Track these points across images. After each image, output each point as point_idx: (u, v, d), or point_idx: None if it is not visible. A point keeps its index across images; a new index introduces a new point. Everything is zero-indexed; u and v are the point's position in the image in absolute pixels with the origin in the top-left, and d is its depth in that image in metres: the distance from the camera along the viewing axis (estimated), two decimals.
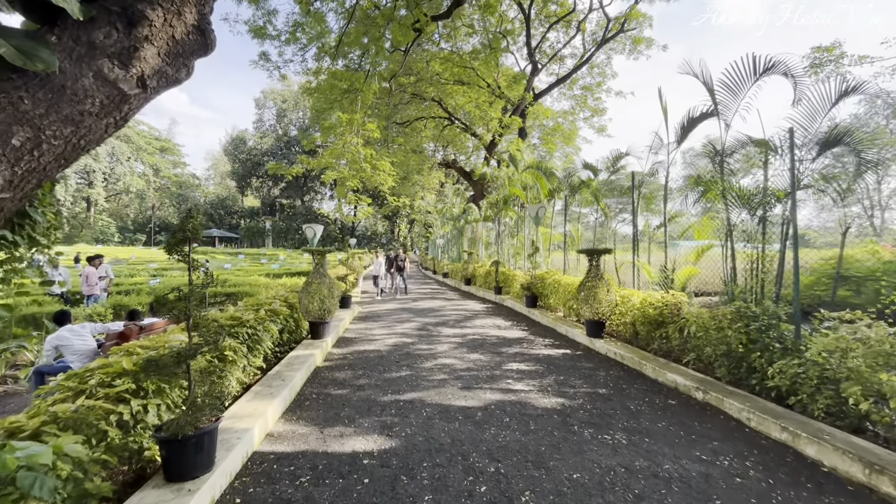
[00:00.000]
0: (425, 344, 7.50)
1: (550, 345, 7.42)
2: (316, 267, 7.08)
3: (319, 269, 7.06)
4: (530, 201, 14.89)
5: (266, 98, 65.88)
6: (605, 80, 24.94)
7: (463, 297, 15.32)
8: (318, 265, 7.08)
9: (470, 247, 20.80)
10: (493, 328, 9.04)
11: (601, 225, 14.28)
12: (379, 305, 12.89)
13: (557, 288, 9.85)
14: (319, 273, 7.03)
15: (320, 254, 7.09)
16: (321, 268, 7.07)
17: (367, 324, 9.68)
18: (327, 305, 6.94)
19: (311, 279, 6.98)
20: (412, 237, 74.39)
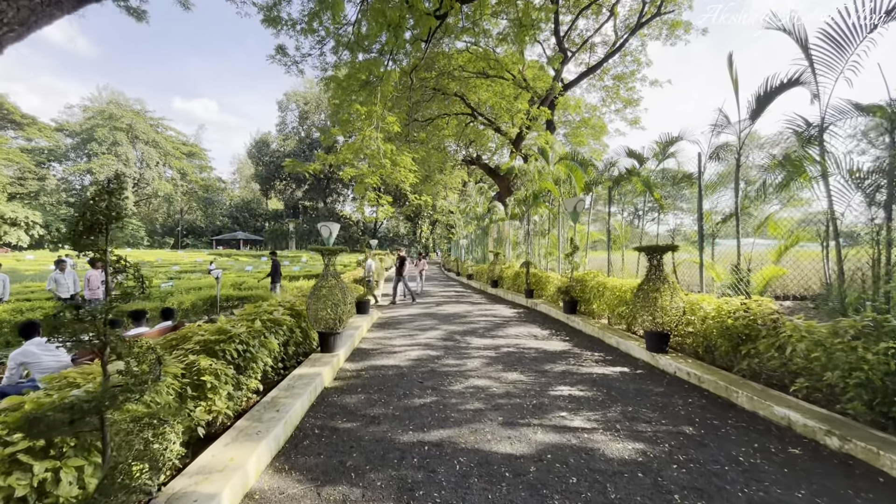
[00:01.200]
0: (452, 358, 6.41)
1: (602, 360, 6.22)
2: (326, 269, 6.08)
3: (329, 272, 6.07)
4: (564, 196, 13.64)
5: (288, 100, 66.22)
6: (640, 67, 23.37)
7: (490, 300, 14.17)
8: (328, 267, 6.09)
9: (496, 247, 19.64)
10: (529, 338, 7.88)
11: (629, 223, 12.85)
12: (400, 310, 11.87)
13: (602, 292, 8.62)
14: (329, 276, 6.03)
15: (330, 254, 6.10)
16: (332, 270, 6.08)
17: (386, 332, 8.66)
18: (339, 314, 5.95)
19: (319, 283, 5.99)
20: (434, 238, 73.61)
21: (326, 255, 6.10)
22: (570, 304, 9.68)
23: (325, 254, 6.08)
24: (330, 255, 6.10)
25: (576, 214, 10.44)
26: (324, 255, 6.08)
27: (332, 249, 6.05)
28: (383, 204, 16.64)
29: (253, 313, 5.25)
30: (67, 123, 64.74)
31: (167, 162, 68.44)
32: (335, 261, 6.21)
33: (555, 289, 11.46)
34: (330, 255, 6.10)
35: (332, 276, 6.06)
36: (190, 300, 10.19)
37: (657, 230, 10.81)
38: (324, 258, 6.09)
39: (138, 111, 67.38)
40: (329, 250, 6.05)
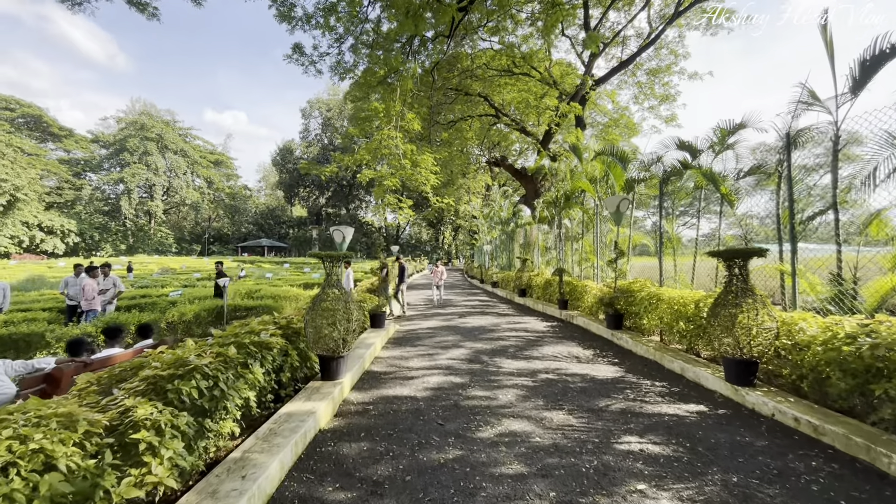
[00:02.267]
0: (480, 388, 5.26)
1: (668, 393, 4.96)
2: (327, 279, 5.05)
3: (331, 282, 5.03)
4: (601, 196, 12.35)
5: (312, 108, 66.68)
6: (677, 60, 21.79)
7: (519, 311, 12.94)
8: (330, 277, 5.06)
9: (523, 253, 18.39)
10: (571, 360, 6.65)
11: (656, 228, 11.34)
12: (419, 323, 10.79)
13: (656, 304, 7.32)
14: (331, 287, 5.00)
15: (332, 261, 5.06)
16: (334, 280, 5.04)
17: (402, 350, 7.57)
18: (342, 333, 4.89)
19: (319, 296, 4.97)
20: (457, 244, 72.56)
21: (328, 262, 5.07)
22: (615, 318, 8.38)
23: (327, 261, 5.05)
24: (332, 262, 5.07)
25: (619, 215, 9.15)
26: (325, 262, 5.04)
27: (332, 255, 5.01)
28: (403, 207, 15.64)
29: (232, 335, 4.24)
30: (102, 135, 66.95)
31: (195, 170, 69.82)
32: (337, 270, 5.17)
33: (594, 300, 10.18)
34: (332, 262, 5.07)
35: (335, 287, 5.02)
36: (193, 311, 9.38)
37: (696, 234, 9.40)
38: (325, 266, 5.06)
39: (168, 121, 69.13)
40: (329, 256, 5.01)
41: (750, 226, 9.47)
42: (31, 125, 61.68)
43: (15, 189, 43.90)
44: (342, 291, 5.05)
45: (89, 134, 67.18)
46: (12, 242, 49.15)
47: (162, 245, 65.28)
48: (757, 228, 9.24)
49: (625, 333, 7.91)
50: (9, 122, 56.92)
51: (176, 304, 11.20)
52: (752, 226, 9.42)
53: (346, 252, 5.25)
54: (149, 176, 62.70)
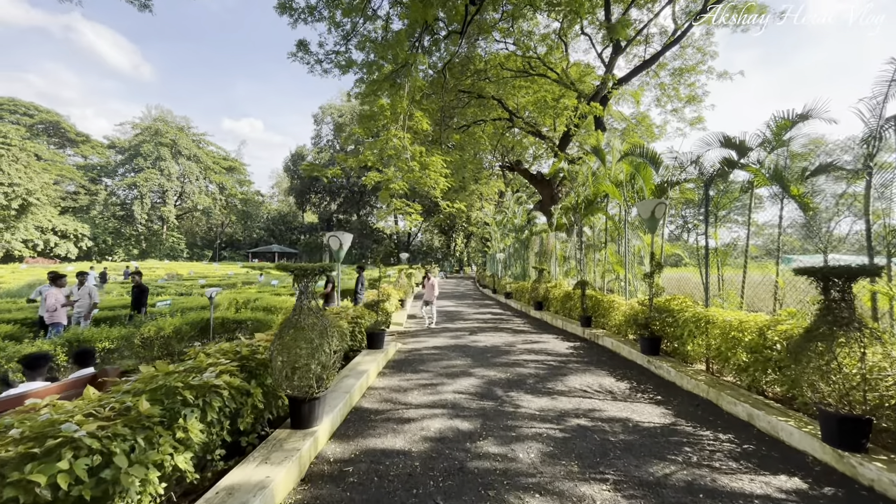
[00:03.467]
0: (494, 440, 4.11)
1: (741, 454, 3.75)
2: (300, 301, 3.97)
3: (304, 305, 3.95)
4: (627, 201, 11.15)
5: (324, 114, 66.48)
6: (705, 58, 20.51)
7: (535, 327, 11.73)
8: (304, 297, 3.98)
9: (539, 262, 17.18)
10: (604, 396, 5.46)
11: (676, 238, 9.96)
12: (424, 340, 9.67)
13: (703, 328, 6.11)
14: (305, 312, 3.92)
15: (304, 276, 3.97)
16: (306, 303, 3.96)
17: (401, 377, 6.46)
18: (316, 371, 3.80)
19: (288, 323, 3.89)
20: (468, 252, 71.37)
21: (301, 278, 3.98)
22: (651, 341, 7.16)
23: (299, 276, 3.96)
24: (305, 278, 3.98)
25: (654, 221, 7.96)
26: (297, 277, 3.96)
27: (304, 268, 3.92)
28: (412, 213, 14.61)
29: (162, 375, 3.18)
30: (118, 140, 67.63)
31: (207, 176, 70.06)
32: (312, 287, 4.07)
33: (622, 318, 8.98)
34: (305, 278, 3.98)
35: (309, 310, 3.94)
36: (173, 325, 8.40)
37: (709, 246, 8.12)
38: (296, 283, 3.98)
39: (182, 127, 69.61)
40: (301, 270, 3.92)
41: (771, 236, 8.22)
42: (49, 131, 62.60)
43: (27, 193, 44.12)
44: (319, 315, 3.96)
45: (105, 139, 67.97)
46: (26, 246, 49.44)
47: (174, 250, 65.37)
48: (788, 241, 8.01)
49: (664, 361, 6.69)
50: (28, 127, 57.78)
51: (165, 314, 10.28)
52: (772, 236, 8.19)
53: (318, 264, 4.16)
54: (162, 181, 62.96)
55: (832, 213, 6.02)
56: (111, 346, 7.44)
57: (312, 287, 4.03)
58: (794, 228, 11.41)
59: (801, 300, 5.93)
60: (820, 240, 5.81)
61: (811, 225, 5.94)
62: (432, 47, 18.52)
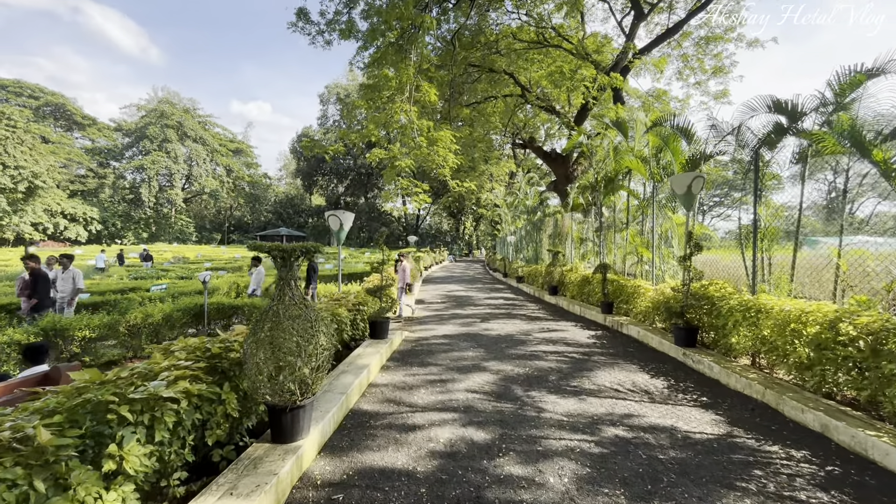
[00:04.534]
0: (515, 457, 3.40)
1: (827, 480, 3.00)
2: (281, 287, 3.24)
3: (289, 292, 3.23)
4: (652, 178, 10.23)
5: (330, 93, 65.15)
6: (734, 25, 19.09)
7: (551, 313, 10.98)
8: (286, 284, 3.25)
9: (553, 244, 16.33)
10: (640, 397, 4.72)
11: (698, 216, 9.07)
12: (433, 328, 8.99)
13: (752, 318, 5.30)
14: (286, 301, 3.19)
15: (286, 258, 3.22)
16: (288, 290, 3.23)
17: (407, 372, 5.77)
18: (300, 373, 3.10)
19: (265, 315, 3.17)
20: (478, 235, 70.48)
21: (282, 260, 3.24)
22: (686, 332, 6.37)
23: (279, 259, 3.22)
24: (287, 259, 3.24)
25: (691, 197, 7.09)
26: (277, 260, 3.22)
27: (284, 250, 3.17)
28: (419, 192, 13.80)
29: (97, 385, 2.48)
30: (125, 122, 67.18)
31: (214, 158, 69.53)
32: (295, 273, 3.33)
33: (649, 304, 8.19)
34: (287, 259, 3.24)
35: (292, 299, 3.21)
36: (162, 311, 7.78)
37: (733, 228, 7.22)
38: (278, 266, 3.24)
39: (187, 109, 68.84)
40: (282, 251, 3.17)
41: (790, 218, 7.32)
42: (56, 114, 62.24)
43: (34, 176, 43.93)
44: (304, 306, 3.23)
45: (112, 122, 67.55)
46: (36, 230, 49.57)
47: (182, 233, 65.39)
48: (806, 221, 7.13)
49: (702, 354, 5.91)
50: (34, 110, 57.45)
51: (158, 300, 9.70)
52: (791, 218, 7.31)
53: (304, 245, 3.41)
54: (168, 163, 62.55)
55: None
56: (92, 334, 6.84)
57: (296, 271, 3.29)
58: (811, 210, 10.33)
59: (872, 288, 5.09)
60: None
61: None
62: (441, 17, 17.41)
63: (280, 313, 3.12)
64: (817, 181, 8.52)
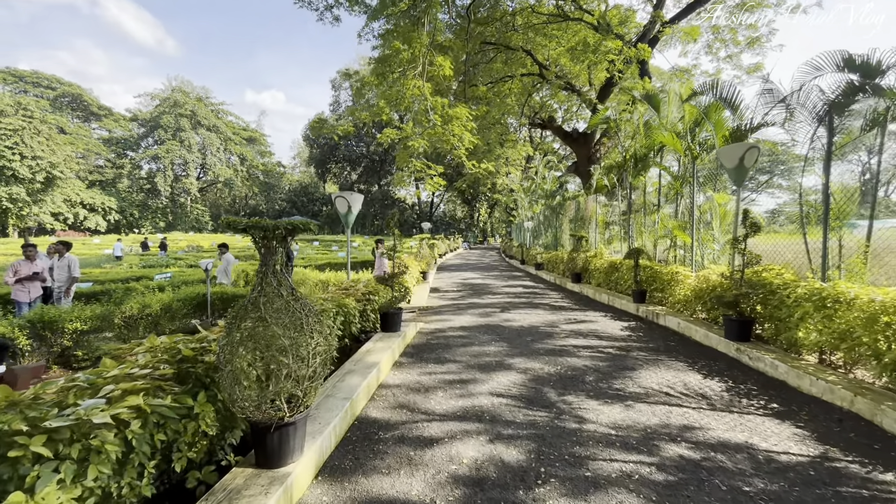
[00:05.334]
0: (559, 490, 2.71)
1: None
2: (263, 276, 2.58)
3: (272, 280, 2.56)
4: (690, 154, 9.31)
5: (342, 79, 64.21)
6: None
7: (576, 302, 10.22)
8: (268, 272, 2.58)
9: (574, 229, 15.48)
10: (696, 402, 3.98)
11: None
12: (449, 318, 8.32)
13: (831, 309, 4.49)
14: (269, 292, 2.53)
15: (267, 238, 2.56)
16: (273, 278, 2.57)
17: (422, 370, 5.12)
18: (287, 383, 2.45)
19: (243, 310, 2.52)
20: (492, 222, 69.50)
21: (266, 239, 2.58)
22: (740, 324, 5.58)
23: (263, 239, 2.56)
24: (268, 239, 2.57)
25: (743, 171, 6.22)
26: (257, 241, 2.56)
27: (265, 227, 2.49)
28: (433, 175, 13.05)
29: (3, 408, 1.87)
30: (140, 112, 67.48)
31: (227, 147, 69.57)
32: (270, 259, 2.66)
33: (689, 293, 7.39)
34: (268, 239, 2.57)
35: (277, 289, 2.55)
36: (161, 302, 7.28)
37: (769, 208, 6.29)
38: (259, 248, 2.58)
39: (200, 97, 68.78)
40: (261, 229, 2.50)
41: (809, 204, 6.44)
42: (73, 105, 62.77)
43: (51, 166, 44.34)
44: (292, 298, 2.57)
45: (128, 112, 67.94)
46: (56, 220, 50.30)
47: (198, 222, 65.88)
48: None
49: (761, 350, 5.12)
50: (51, 101, 57.98)
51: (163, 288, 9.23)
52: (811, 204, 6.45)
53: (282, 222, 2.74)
54: (183, 152, 62.74)
55: None
56: (84, 326, 6.35)
57: (280, 257, 2.62)
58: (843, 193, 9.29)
59: None
60: None
61: None
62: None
63: (262, 308, 2.47)
64: (849, 162, 7.63)
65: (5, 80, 54.32)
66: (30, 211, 44.38)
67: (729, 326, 5.72)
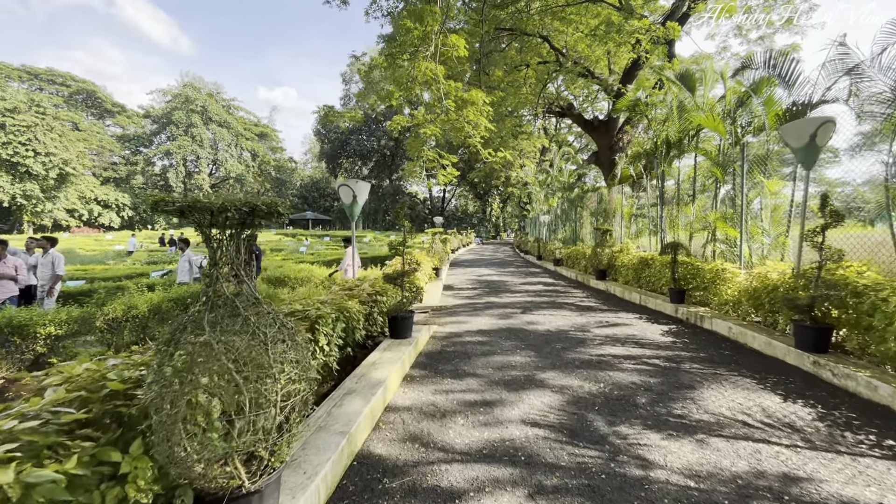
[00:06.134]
0: None
1: None
2: (210, 283, 1.79)
3: (217, 292, 1.77)
4: (736, 135, 8.34)
5: (352, 72, 63.49)
6: None
7: (604, 301, 9.33)
8: (216, 277, 1.78)
9: (599, 222, 14.52)
10: (787, 437, 3.12)
11: None
12: (465, 320, 7.52)
13: None
14: (218, 304, 1.74)
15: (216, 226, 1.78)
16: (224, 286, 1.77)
17: (435, 388, 4.33)
18: (242, 441, 1.66)
19: (178, 331, 1.73)
20: (504, 217, 68.43)
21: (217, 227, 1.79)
22: (816, 332, 4.67)
23: (211, 226, 1.78)
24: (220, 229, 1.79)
25: (813, 151, 5.27)
26: (203, 230, 1.78)
27: (213, 210, 1.72)
28: (446, 165, 12.22)
29: None
30: (153, 109, 67.70)
31: (239, 143, 69.52)
32: (227, 258, 1.87)
33: (738, 293, 6.48)
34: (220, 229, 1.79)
35: (230, 301, 1.76)
36: (148, 302, 6.61)
37: None
38: (205, 239, 1.81)
39: (211, 93, 68.74)
40: (210, 211, 1.72)
41: None
42: (87, 102, 63.18)
43: (64, 163, 44.48)
44: (254, 313, 1.78)
45: (140, 109, 68.22)
46: (71, 216, 50.65)
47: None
48: None
49: (850, 366, 4.21)
50: (65, 98, 58.37)
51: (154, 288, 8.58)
52: None
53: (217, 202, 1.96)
54: (194, 148, 62.80)
55: None
56: (59, 331, 5.69)
57: (239, 253, 1.83)
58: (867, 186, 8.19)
59: None
60: None
61: None
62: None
63: (206, 328, 1.68)
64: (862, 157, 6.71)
65: (20, 77, 54.73)
66: (44, 207, 44.64)
67: (801, 334, 4.81)
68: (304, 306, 4.14)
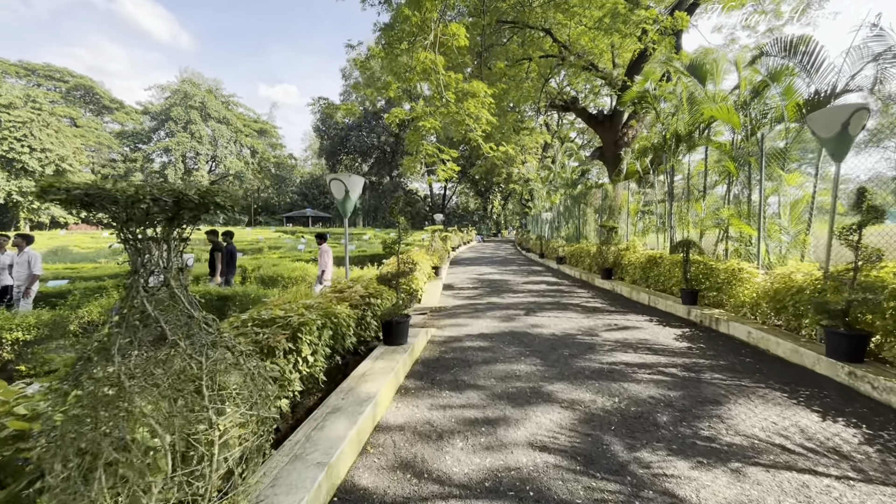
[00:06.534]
0: None
1: None
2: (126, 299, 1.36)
3: (133, 310, 1.34)
4: (752, 126, 7.90)
5: (352, 67, 62.92)
6: None
7: (611, 302, 8.91)
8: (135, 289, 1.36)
9: (604, 219, 14.09)
10: (833, 464, 2.70)
11: None
12: (465, 323, 7.10)
13: None
14: (138, 325, 1.31)
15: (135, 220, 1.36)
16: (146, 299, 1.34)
17: (432, 402, 3.92)
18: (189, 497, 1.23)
19: (84, 364, 1.30)
20: (506, 214, 68.00)
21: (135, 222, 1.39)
22: (852, 339, 4.25)
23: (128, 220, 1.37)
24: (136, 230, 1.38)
25: (845, 141, 4.83)
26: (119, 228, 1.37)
27: (130, 199, 1.31)
28: (446, 160, 11.79)
29: None
30: (151, 105, 67.21)
31: (238, 139, 69.06)
32: (157, 251, 1.46)
33: (757, 294, 6.07)
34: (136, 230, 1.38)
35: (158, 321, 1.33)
36: None
37: None
38: (123, 240, 1.40)
39: (210, 89, 68.23)
40: (126, 201, 1.31)
41: None
42: (86, 98, 62.71)
43: (60, 159, 44.05)
44: (184, 336, 1.36)
45: (139, 105, 67.76)
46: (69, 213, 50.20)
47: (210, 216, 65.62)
48: None
49: (887, 377, 3.79)
50: (63, 94, 57.88)
51: None
52: None
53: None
54: (193, 144, 62.36)
55: None
56: (26, 336, 5.28)
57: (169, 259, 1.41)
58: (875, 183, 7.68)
59: None
60: None
61: None
62: None
63: (116, 360, 1.26)
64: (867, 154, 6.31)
65: (18, 73, 54.25)
66: (40, 205, 44.23)
67: (834, 341, 4.39)
68: (286, 312, 3.72)
